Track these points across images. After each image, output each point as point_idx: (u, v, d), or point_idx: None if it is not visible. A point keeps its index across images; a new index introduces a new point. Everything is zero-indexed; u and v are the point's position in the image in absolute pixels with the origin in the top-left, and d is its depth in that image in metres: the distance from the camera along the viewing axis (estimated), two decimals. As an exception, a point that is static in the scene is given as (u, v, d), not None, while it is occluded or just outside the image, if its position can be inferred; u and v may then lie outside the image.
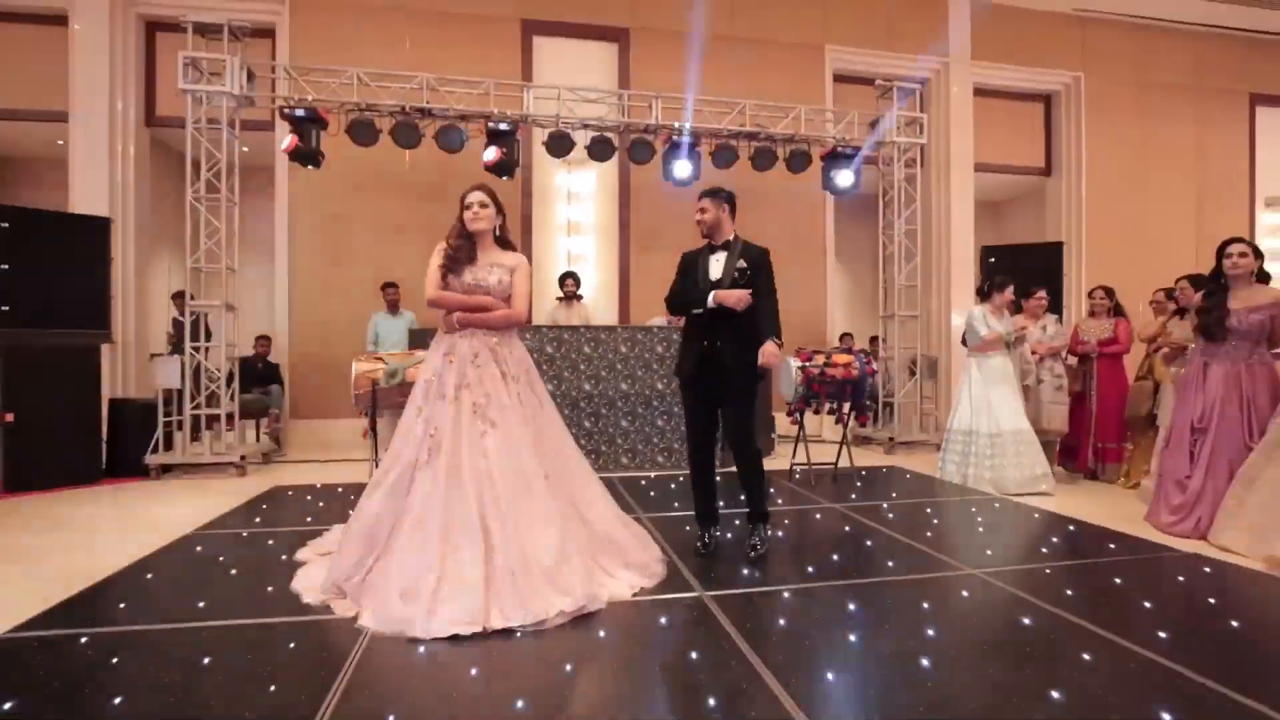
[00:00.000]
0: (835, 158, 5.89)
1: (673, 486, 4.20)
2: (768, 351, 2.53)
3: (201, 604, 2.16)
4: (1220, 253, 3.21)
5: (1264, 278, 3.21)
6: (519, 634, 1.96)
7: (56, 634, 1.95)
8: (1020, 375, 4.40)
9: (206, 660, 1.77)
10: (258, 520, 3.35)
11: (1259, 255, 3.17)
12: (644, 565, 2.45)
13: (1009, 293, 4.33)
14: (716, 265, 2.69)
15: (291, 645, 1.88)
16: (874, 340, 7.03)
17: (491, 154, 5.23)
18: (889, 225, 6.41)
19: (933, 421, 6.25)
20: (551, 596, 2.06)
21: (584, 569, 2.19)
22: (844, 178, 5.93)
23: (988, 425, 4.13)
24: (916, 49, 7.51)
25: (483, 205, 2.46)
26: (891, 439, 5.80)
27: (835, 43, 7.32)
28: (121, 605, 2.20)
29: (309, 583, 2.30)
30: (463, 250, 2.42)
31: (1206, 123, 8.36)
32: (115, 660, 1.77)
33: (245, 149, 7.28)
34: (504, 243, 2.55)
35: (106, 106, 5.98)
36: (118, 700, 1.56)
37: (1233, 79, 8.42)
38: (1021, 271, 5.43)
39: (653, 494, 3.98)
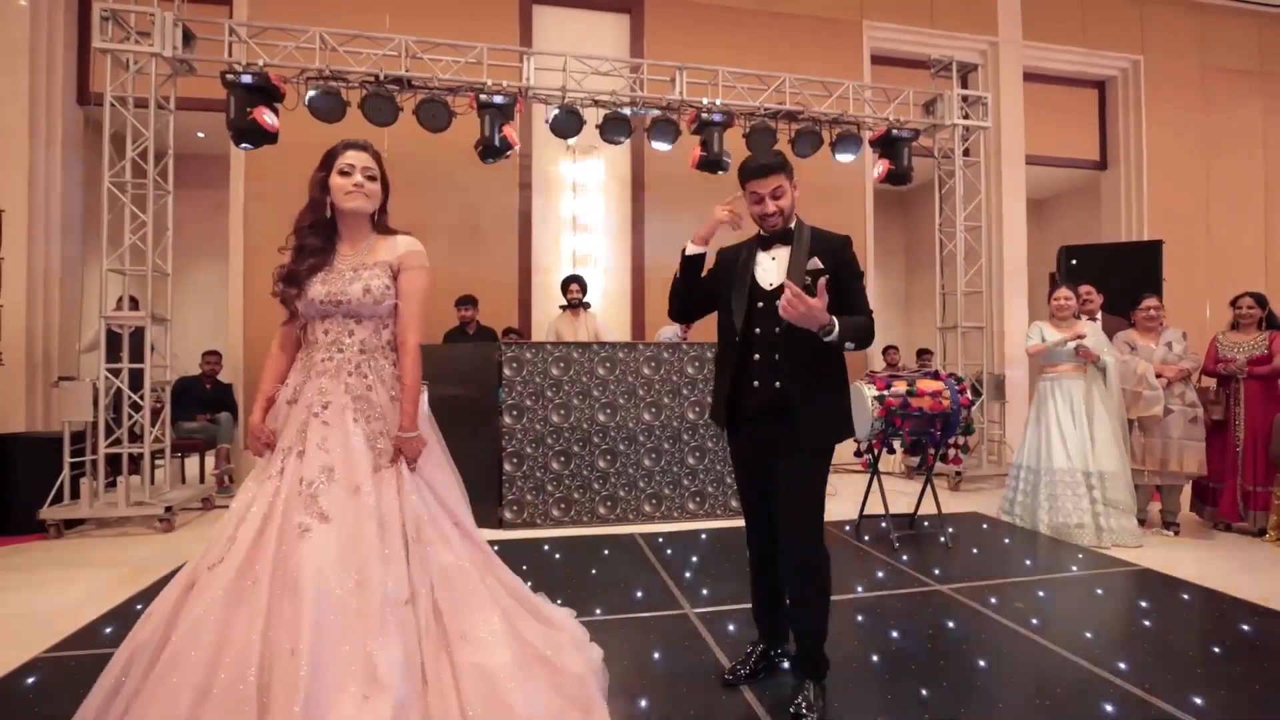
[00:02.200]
0: (890, 142, 5.02)
1: (714, 552, 3.29)
2: (799, 301, 1.55)
3: None
4: None
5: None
6: None
7: None
8: (1144, 404, 3.53)
9: None
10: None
11: None
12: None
13: (1060, 297, 3.60)
14: (774, 266, 1.79)
15: None
16: (923, 355, 6.15)
17: (497, 131, 4.32)
18: (949, 222, 5.55)
19: (1001, 451, 5.37)
20: None
21: None
22: (896, 164, 5.05)
23: (1036, 460, 3.59)
24: (962, 27, 6.71)
25: (369, 175, 1.58)
26: (958, 474, 4.91)
27: (874, 19, 6.50)
28: None
29: None
30: (311, 250, 1.54)
31: (1273, 111, 7.59)
32: None
33: (201, 134, 6.44)
34: (384, 229, 1.67)
35: (28, 81, 5.05)
36: None
37: (1303, 64, 7.67)
38: (1113, 276, 4.62)
39: (691, 563, 3.06)
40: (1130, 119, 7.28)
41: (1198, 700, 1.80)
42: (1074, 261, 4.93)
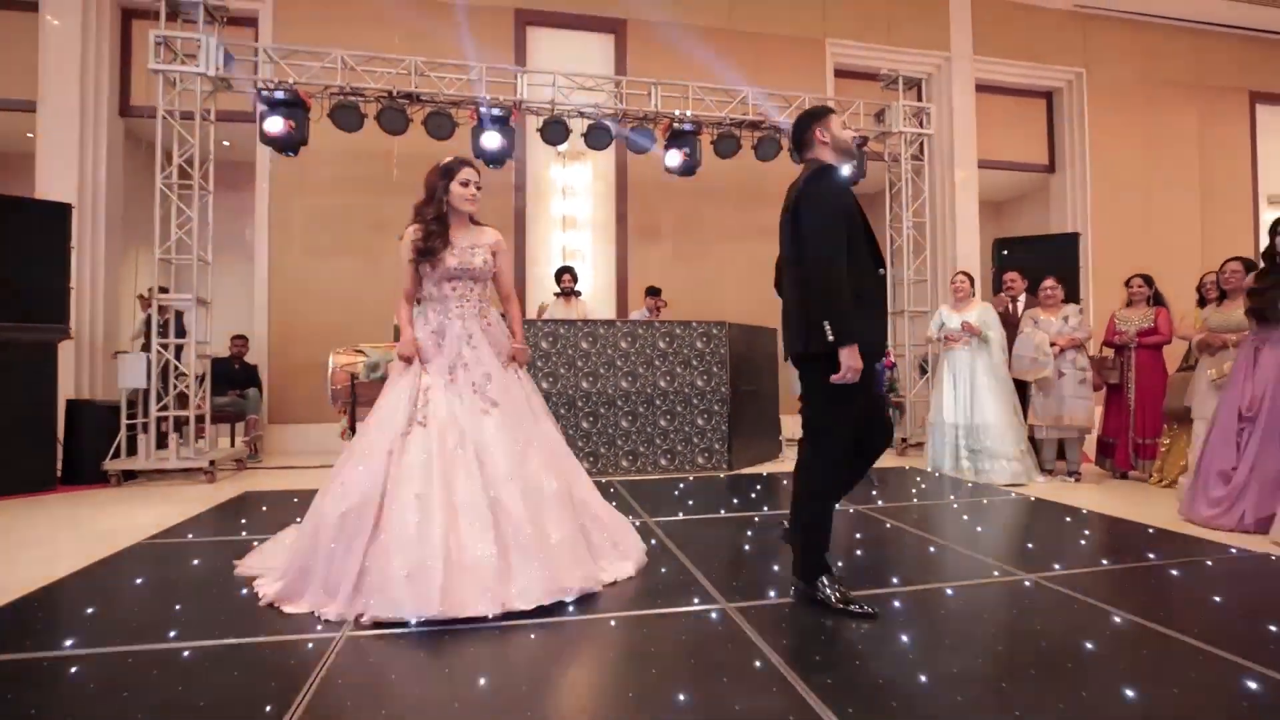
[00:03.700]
0: (841, 148, 5.67)
1: (677, 491, 3.90)
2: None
3: (141, 623, 1.84)
4: (1273, 231, 3.01)
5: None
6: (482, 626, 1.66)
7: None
8: (1037, 368, 4.17)
9: (128, 691, 1.45)
10: (218, 529, 3.01)
11: None
12: (631, 549, 2.36)
13: (955, 280, 4.41)
14: None
15: (236, 672, 1.57)
16: (881, 339, 6.79)
17: (495, 140, 4.97)
18: (897, 219, 6.20)
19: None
20: (562, 576, 1.97)
21: (584, 549, 2.13)
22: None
23: (933, 415, 4.44)
24: (918, 43, 7.38)
25: (478, 186, 2.27)
26: (904, 439, 5.53)
27: (836, 36, 7.17)
28: (39, 626, 1.87)
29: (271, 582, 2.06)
30: (438, 234, 2.21)
31: (1208, 119, 8.27)
32: (19, 690, 1.45)
33: (226, 143, 7.07)
34: (476, 221, 2.36)
35: (77, 95, 5.69)
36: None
37: (1233, 76, 8.36)
38: (1037, 262, 5.26)
39: (658, 498, 3.67)
40: (1076, 126, 7.95)
41: (1054, 570, 2.42)
42: (1005, 252, 5.57)
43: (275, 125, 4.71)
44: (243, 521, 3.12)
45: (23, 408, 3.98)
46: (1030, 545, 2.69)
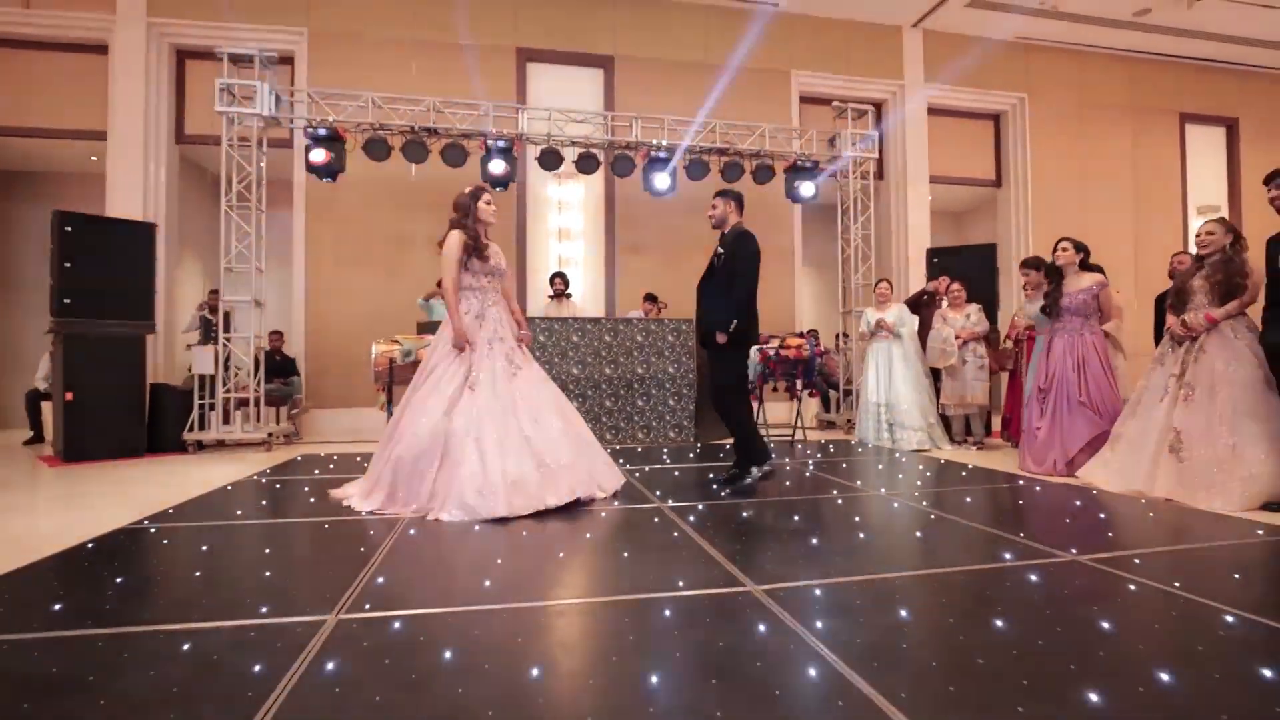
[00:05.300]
0: (797, 170, 6.61)
1: (648, 453, 4.83)
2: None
3: (273, 510, 2.78)
4: (1055, 250, 4.03)
5: (1091, 267, 4.02)
6: (523, 529, 2.62)
7: (158, 527, 2.55)
8: (943, 357, 5.11)
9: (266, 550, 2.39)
10: (293, 473, 3.95)
11: (1080, 249, 4.00)
12: (617, 475, 3.26)
13: (877, 286, 5.47)
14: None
15: (347, 532, 2.51)
16: (839, 336, 7.71)
17: (499, 167, 5.92)
18: (846, 230, 7.14)
19: (888, 406, 6.90)
20: (575, 486, 2.87)
21: (586, 469, 3.02)
22: (805, 189, 6.65)
23: (862, 395, 5.41)
24: (875, 73, 8.32)
25: (494, 205, 3.17)
26: (850, 421, 6.44)
27: (801, 68, 8.10)
28: (206, 514, 2.81)
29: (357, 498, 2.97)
30: (479, 238, 3.10)
31: (1141, 139, 9.18)
32: (231, 537, 2.39)
33: (263, 164, 8.03)
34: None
35: (141, 126, 6.63)
36: (196, 574, 2.19)
37: (1164, 100, 9.27)
38: (961, 268, 6.19)
39: (633, 457, 4.60)
40: (1019, 146, 8.86)
41: (899, 490, 3.35)
42: (935, 260, 6.49)
43: (318, 156, 5.67)
44: (310, 468, 4.06)
45: (119, 389, 4.93)
46: (900, 479, 3.61)
